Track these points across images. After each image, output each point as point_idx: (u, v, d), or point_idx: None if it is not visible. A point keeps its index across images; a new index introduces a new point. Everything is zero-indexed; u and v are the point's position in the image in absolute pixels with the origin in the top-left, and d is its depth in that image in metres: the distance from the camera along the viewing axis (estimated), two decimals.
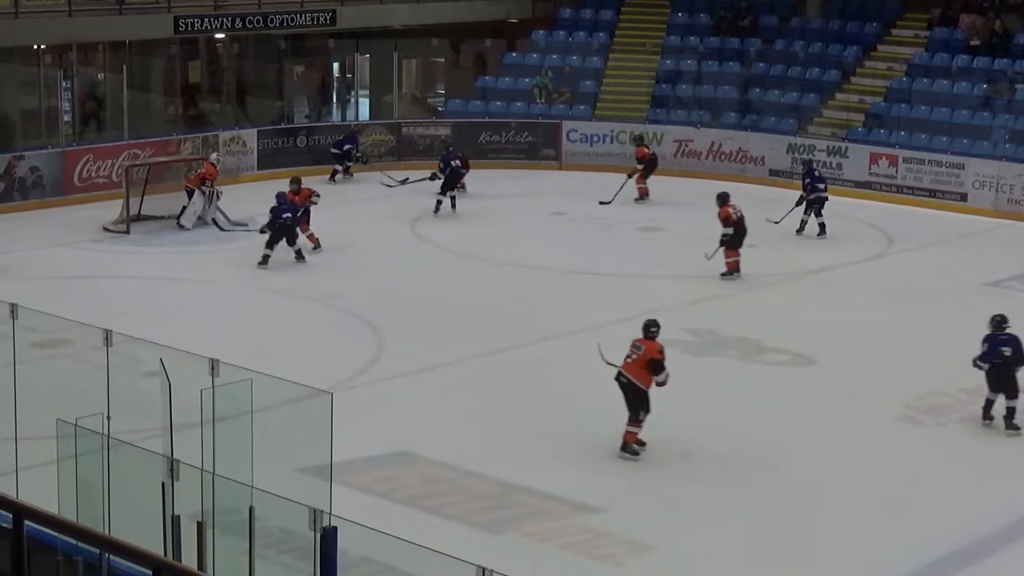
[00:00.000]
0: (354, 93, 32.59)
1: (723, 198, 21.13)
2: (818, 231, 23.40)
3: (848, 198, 26.65)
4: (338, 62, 32.77)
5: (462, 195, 25.34)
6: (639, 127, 29.25)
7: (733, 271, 20.98)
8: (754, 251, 22.60)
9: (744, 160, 28.58)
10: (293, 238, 21.38)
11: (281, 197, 21.62)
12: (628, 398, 14.10)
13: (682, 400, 15.75)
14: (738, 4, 31.34)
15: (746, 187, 27.31)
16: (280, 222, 21.20)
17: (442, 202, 24.58)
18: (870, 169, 27.19)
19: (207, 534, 8.78)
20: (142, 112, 28.65)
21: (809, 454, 14.44)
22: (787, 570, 12.02)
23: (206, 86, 31.42)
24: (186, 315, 18.59)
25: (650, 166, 26.44)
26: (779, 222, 23.24)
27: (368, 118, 31.58)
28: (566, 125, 29.65)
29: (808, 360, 17.41)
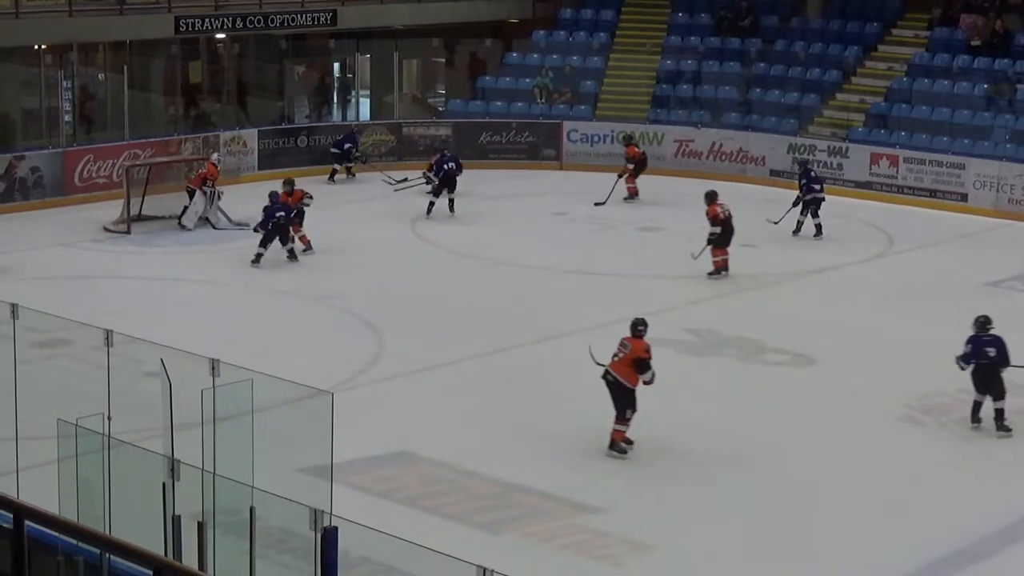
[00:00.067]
0: (355, 93, 32.59)
1: (711, 196, 21.11)
2: (815, 232, 23.36)
3: (849, 198, 26.67)
4: (339, 62, 32.78)
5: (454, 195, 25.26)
6: (640, 127, 29.27)
7: (720, 270, 20.97)
8: (754, 251, 22.66)
9: (745, 160, 28.58)
10: (286, 237, 21.42)
11: (274, 196, 21.65)
12: (615, 396, 14.12)
13: (682, 400, 15.80)
14: (738, 4, 31.34)
15: (747, 187, 27.37)
16: (274, 221, 21.25)
17: (435, 204, 24.53)
18: (871, 169, 27.19)
19: (208, 534, 8.78)
20: (143, 112, 28.67)
21: (809, 454, 14.45)
22: (787, 570, 12.02)
23: (207, 86, 31.43)
24: (186, 315, 18.60)
25: (640, 165, 26.46)
26: (778, 222, 23.24)
27: (369, 118, 31.61)
28: (567, 125, 29.65)
29: (808, 360, 17.42)
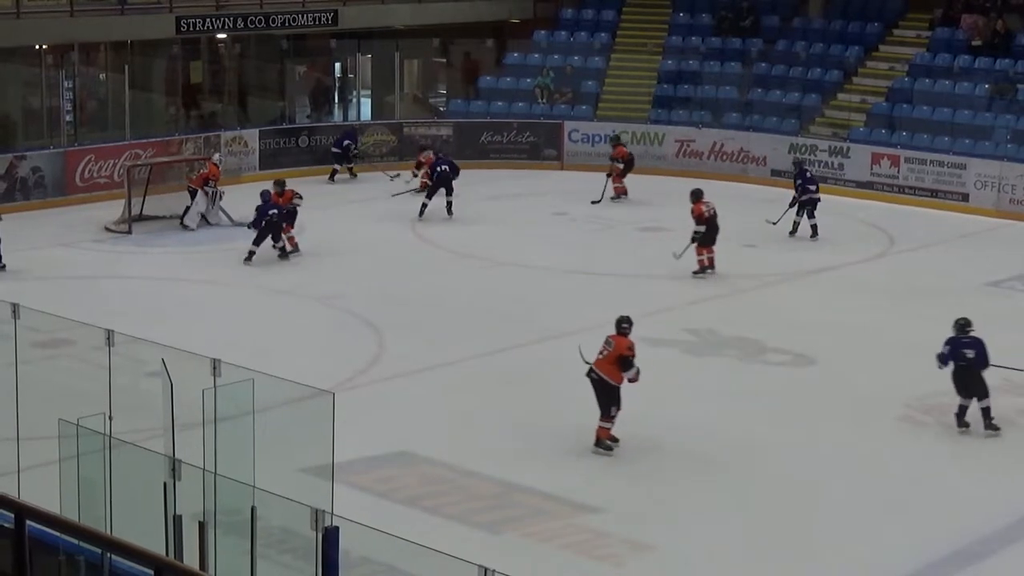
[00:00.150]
0: (355, 93, 32.60)
1: (696, 195, 21.12)
2: (811, 233, 23.30)
3: (850, 198, 26.69)
4: (340, 62, 32.79)
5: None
6: (641, 127, 29.34)
7: (705, 268, 20.99)
8: (754, 251, 22.69)
9: (746, 160, 28.59)
10: (278, 235, 21.52)
11: (266, 195, 21.74)
12: (599, 394, 14.16)
13: (682, 400, 15.82)
14: (740, 4, 31.34)
15: (748, 187, 27.40)
16: (267, 219, 21.33)
17: (427, 205, 24.42)
18: (872, 169, 27.19)
19: (209, 534, 8.79)
20: (144, 112, 28.69)
21: (809, 454, 14.46)
22: (787, 570, 12.03)
23: (208, 86, 31.45)
24: (187, 315, 18.61)
25: (628, 165, 26.51)
26: (776, 223, 23.23)
27: (370, 118, 31.62)
28: (568, 125, 29.66)
29: (809, 360, 17.42)
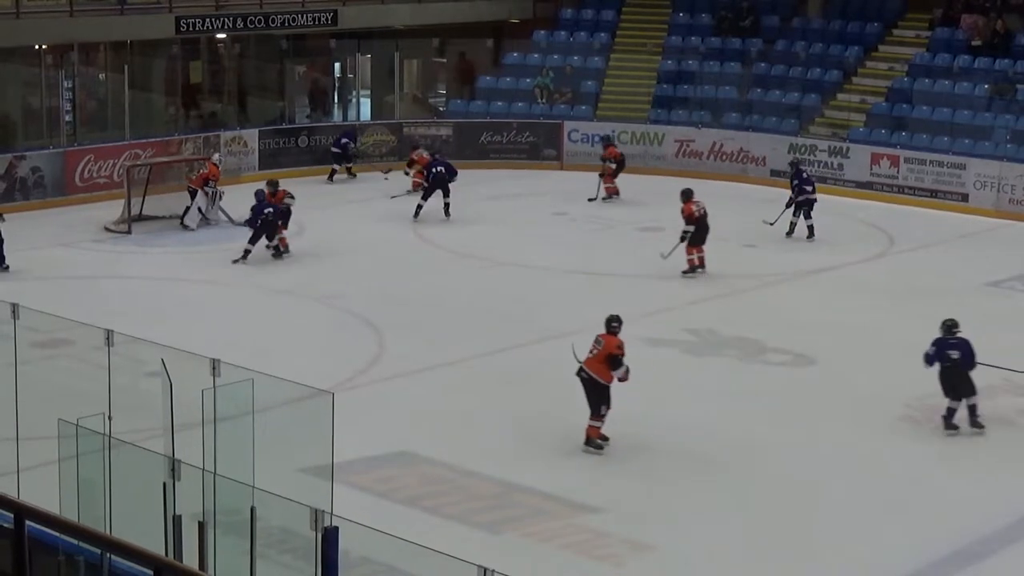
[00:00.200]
0: (355, 93, 32.59)
1: (687, 194, 21.12)
2: (807, 234, 23.24)
3: (849, 198, 26.69)
4: (340, 62, 32.78)
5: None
6: (641, 127, 29.35)
7: (695, 268, 21.00)
8: (755, 251, 22.69)
9: (745, 160, 28.59)
10: (273, 234, 21.54)
11: (260, 195, 21.77)
12: (588, 393, 14.18)
13: (682, 400, 15.82)
14: (739, 4, 31.34)
15: (748, 187, 27.40)
16: (262, 218, 21.37)
17: (422, 207, 24.36)
18: (871, 169, 27.19)
19: (208, 534, 8.78)
20: (143, 112, 28.68)
21: (809, 454, 14.45)
22: (787, 570, 12.02)
23: (207, 86, 31.44)
24: (187, 315, 18.60)
25: (620, 165, 26.53)
26: (773, 223, 23.21)
27: (369, 118, 31.61)
28: (567, 125, 29.66)
29: (809, 360, 17.42)
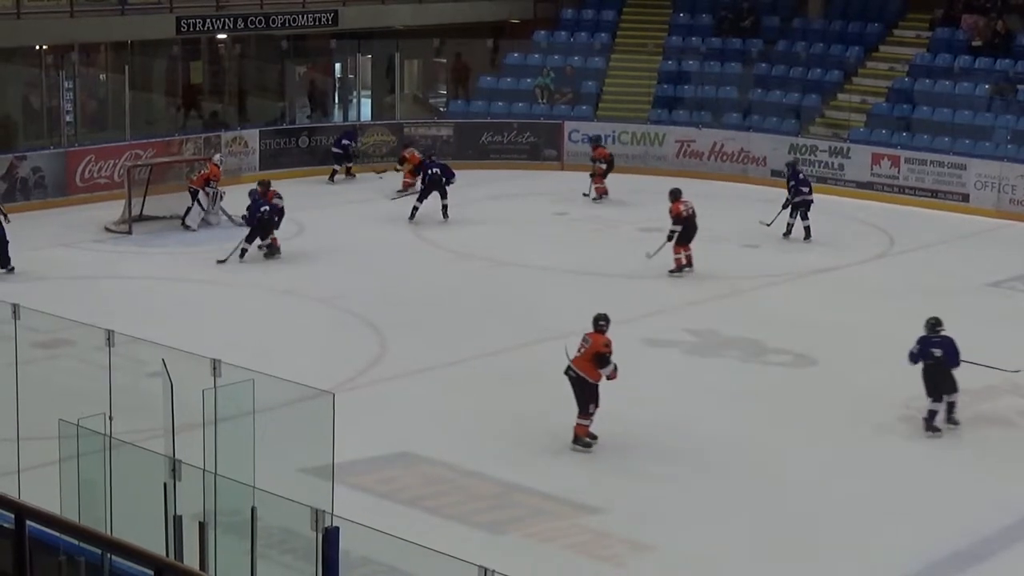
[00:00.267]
0: (356, 93, 32.59)
1: (675, 194, 21.16)
2: (804, 235, 23.18)
3: (850, 198, 26.70)
4: (340, 63, 32.79)
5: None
6: (641, 128, 29.37)
7: (683, 267, 21.03)
8: (755, 251, 22.70)
9: (746, 161, 28.58)
10: (267, 233, 21.56)
11: (255, 194, 21.84)
12: (576, 392, 14.21)
13: (683, 400, 15.83)
14: (740, 5, 31.35)
15: (748, 188, 27.39)
16: (259, 215, 21.40)
17: (418, 209, 24.25)
18: (872, 169, 27.19)
19: (209, 534, 8.79)
20: (144, 112, 28.69)
21: (810, 454, 14.46)
22: (787, 570, 12.02)
23: (208, 86, 31.45)
24: (188, 315, 18.61)
25: (610, 166, 26.52)
26: (770, 224, 23.19)
27: (370, 118, 31.60)
28: (568, 125, 29.66)
29: (810, 360, 17.42)
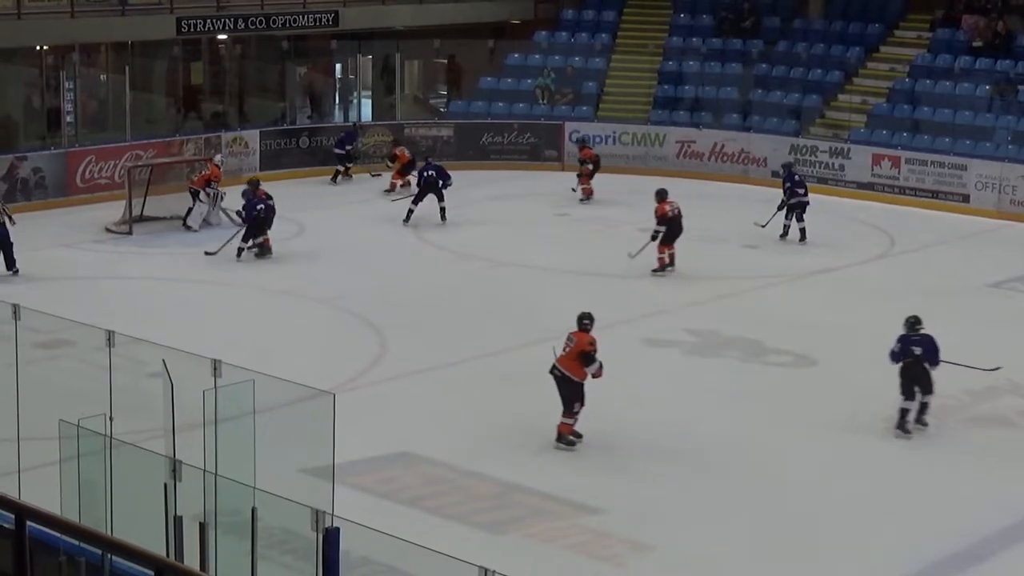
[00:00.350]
0: (356, 94, 32.59)
1: (661, 195, 21.22)
2: (799, 237, 23.13)
3: (850, 199, 26.71)
4: (341, 63, 32.79)
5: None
6: (642, 128, 29.39)
7: (665, 266, 21.10)
8: (756, 252, 22.72)
9: (747, 161, 28.58)
10: (262, 232, 21.59)
11: (248, 193, 21.85)
12: (561, 390, 14.25)
13: (683, 401, 15.84)
14: (740, 5, 31.35)
15: (748, 188, 27.39)
16: (255, 213, 21.43)
17: (413, 211, 24.13)
18: (872, 170, 27.18)
19: (209, 535, 8.79)
20: (144, 113, 28.69)
21: (810, 454, 14.45)
22: (787, 570, 12.02)
23: (208, 87, 31.45)
24: (188, 316, 18.61)
25: (596, 166, 26.50)
26: (764, 226, 23.18)
27: (370, 119, 31.59)
28: (568, 126, 29.65)
29: (810, 361, 17.42)
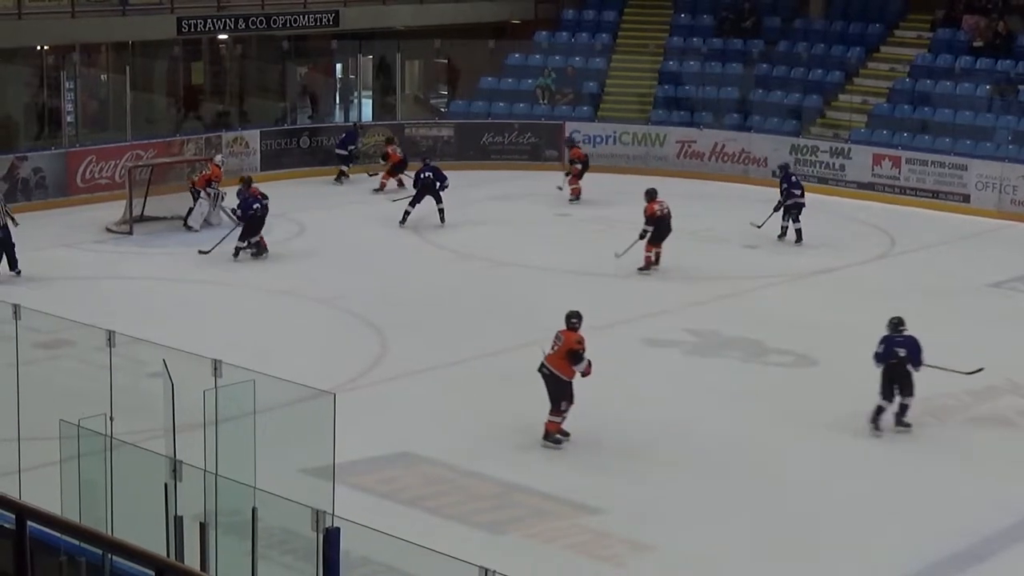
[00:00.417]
0: (356, 94, 32.59)
1: (651, 194, 21.23)
2: (795, 238, 23.09)
3: (851, 199, 26.71)
4: (341, 63, 32.80)
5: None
6: (642, 128, 29.40)
7: (651, 264, 21.15)
8: (756, 252, 22.72)
9: (747, 161, 28.58)
10: (258, 231, 21.61)
11: (243, 193, 21.87)
12: (550, 389, 14.27)
13: (684, 401, 15.84)
14: (741, 5, 31.35)
15: (749, 188, 27.38)
16: (251, 212, 21.45)
17: (410, 213, 24.07)
18: (873, 170, 27.18)
19: (210, 535, 8.79)
20: (145, 113, 28.69)
21: (810, 455, 14.46)
22: (787, 570, 12.02)
23: (209, 87, 31.45)
24: (188, 316, 18.61)
25: (584, 166, 26.45)
26: (760, 226, 23.17)
27: (371, 119, 31.60)
28: (569, 126, 29.64)
29: (810, 361, 17.42)
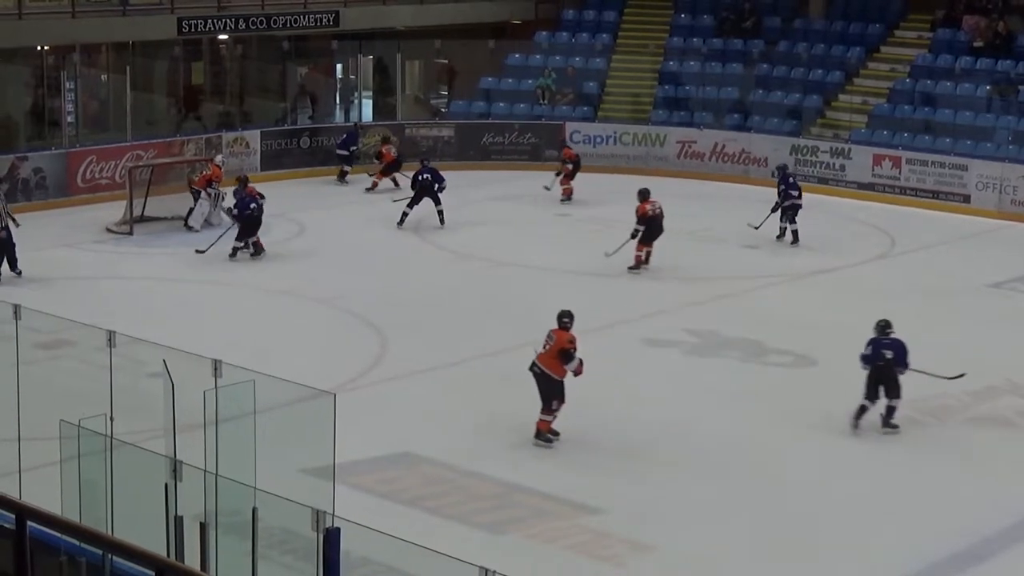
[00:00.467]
0: (357, 94, 32.59)
1: (643, 194, 21.24)
2: (791, 239, 23.06)
3: (851, 199, 26.70)
4: (341, 63, 32.80)
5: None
6: (643, 128, 29.40)
7: (640, 263, 21.17)
8: (756, 252, 22.72)
9: (747, 161, 28.58)
10: (255, 231, 21.62)
11: (240, 192, 21.90)
12: (541, 388, 14.29)
13: (683, 401, 15.85)
14: (741, 5, 31.36)
15: (749, 188, 27.37)
16: (248, 212, 21.47)
17: (408, 214, 24.04)
18: (873, 170, 27.18)
19: (210, 535, 8.80)
20: (145, 113, 28.69)
21: (810, 455, 14.47)
22: (787, 570, 12.03)
23: (209, 87, 31.45)
24: (188, 316, 18.62)
25: (576, 166, 26.44)
26: (758, 227, 23.17)
27: (371, 119, 31.59)
28: (569, 126, 29.66)
29: (810, 361, 17.43)
